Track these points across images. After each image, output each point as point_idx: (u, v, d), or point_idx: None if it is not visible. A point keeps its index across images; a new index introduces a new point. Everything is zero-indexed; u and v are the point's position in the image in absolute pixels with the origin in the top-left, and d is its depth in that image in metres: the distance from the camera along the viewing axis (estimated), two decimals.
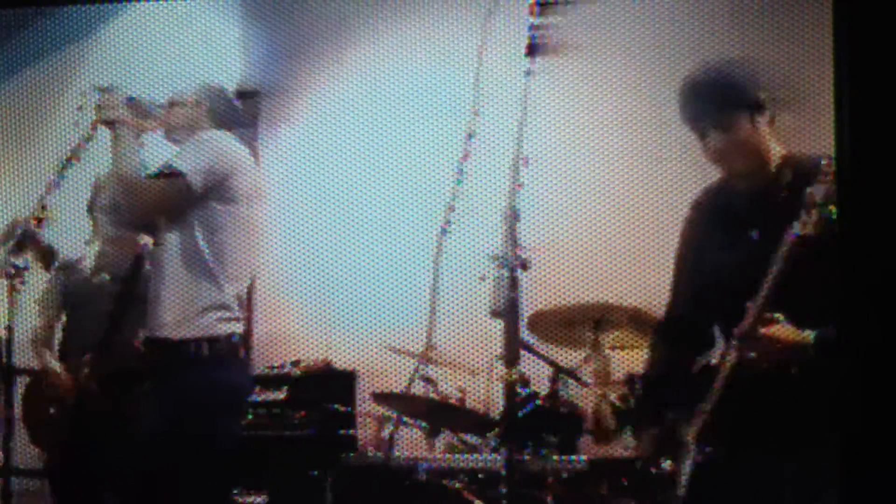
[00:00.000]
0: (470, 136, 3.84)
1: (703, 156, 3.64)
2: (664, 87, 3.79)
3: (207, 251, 4.12)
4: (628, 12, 4.76)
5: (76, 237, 5.16)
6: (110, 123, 4.24)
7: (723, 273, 3.58)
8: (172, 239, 4.16)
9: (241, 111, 4.52)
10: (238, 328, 4.18)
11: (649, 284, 3.80)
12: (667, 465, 3.88)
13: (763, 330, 3.39)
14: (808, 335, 3.35)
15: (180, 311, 4.10)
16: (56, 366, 4.92)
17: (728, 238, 3.59)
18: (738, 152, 3.59)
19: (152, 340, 4.19)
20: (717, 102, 3.58)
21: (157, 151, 4.30)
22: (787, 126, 3.59)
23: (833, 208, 3.20)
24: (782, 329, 3.38)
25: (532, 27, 3.67)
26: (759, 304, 3.37)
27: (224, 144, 4.24)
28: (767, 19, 4.55)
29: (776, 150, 3.58)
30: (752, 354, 3.42)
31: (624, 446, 4.63)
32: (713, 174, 3.71)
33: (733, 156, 3.59)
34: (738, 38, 4.58)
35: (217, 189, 4.13)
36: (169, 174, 4.11)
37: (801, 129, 3.60)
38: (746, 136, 3.56)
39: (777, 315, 3.37)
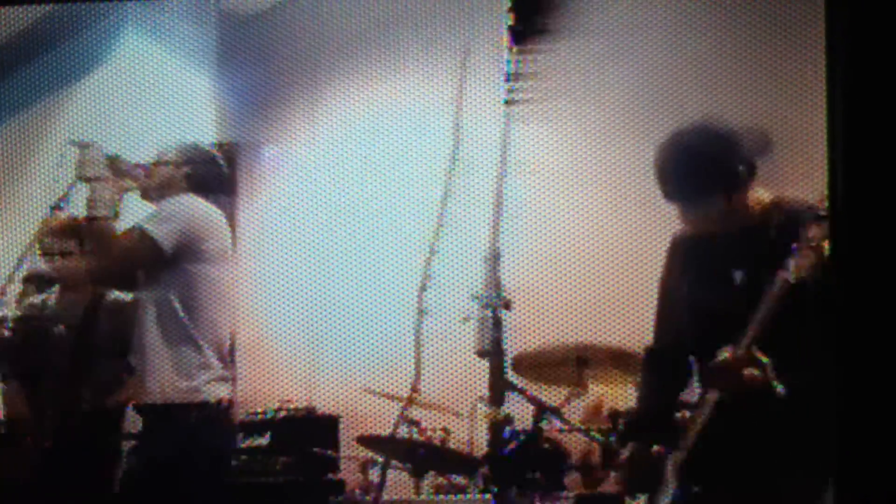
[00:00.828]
0: (451, 178, 3.89)
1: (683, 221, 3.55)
2: (648, 128, 3.74)
3: (183, 313, 4.14)
4: (615, 47, 4.76)
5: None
6: (89, 180, 4.25)
7: (703, 311, 3.52)
8: (149, 304, 4.19)
9: (225, 171, 4.52)
10: (224, 389, 4.20)
11: (631, 323, 3.82)
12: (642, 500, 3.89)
13: (745, 371, 3.31)
14: (779, 387, 3.27)
15: (163, 377, 4.13)
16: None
17: (710, 276, 3.53)
18: (719, 220, 3.50)
19: (139, 408, 4.22)
20: (693, 186, 3.47)
21: (131, 208, 4.32)
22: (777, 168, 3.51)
23: (827, 246, 3.15)
24: (757, 374, 3.31)
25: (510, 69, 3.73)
26: (746, 341, 3.31)
27: (194, 209, 4.25)
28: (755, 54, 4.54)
29: (762, 195, 3.49)
30: (725, 391, 3.37)
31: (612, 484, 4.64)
32: None
33: (715, 224, 3.51)
34: (727, 73, 4.56)
35: (188, 252, 4.16)
36: (139, 235, 4.14)
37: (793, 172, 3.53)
38: (728, 209, 3.46)
39: (763, 358, 3.30)
